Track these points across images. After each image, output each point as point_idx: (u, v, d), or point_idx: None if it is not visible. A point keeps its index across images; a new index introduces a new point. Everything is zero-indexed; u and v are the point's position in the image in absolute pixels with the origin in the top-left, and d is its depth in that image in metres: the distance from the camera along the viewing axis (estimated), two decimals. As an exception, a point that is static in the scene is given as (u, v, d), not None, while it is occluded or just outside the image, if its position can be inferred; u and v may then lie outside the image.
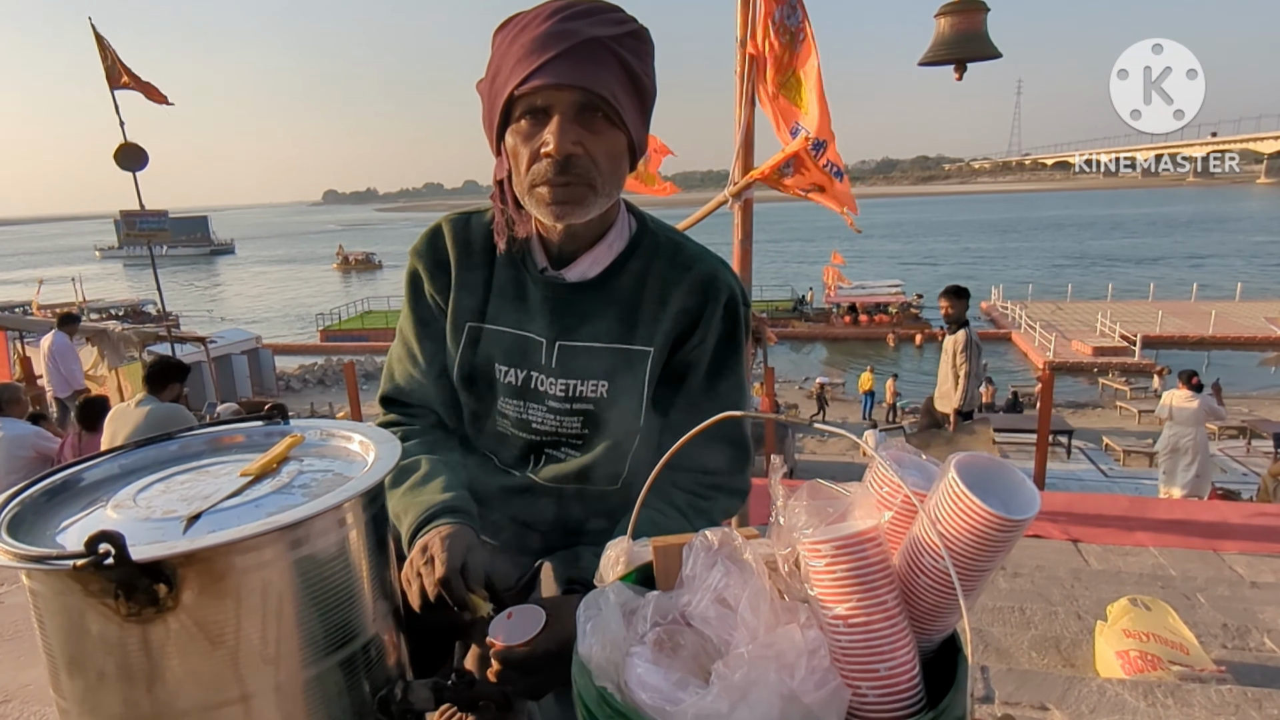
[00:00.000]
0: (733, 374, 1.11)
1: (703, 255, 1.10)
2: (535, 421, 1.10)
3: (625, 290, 1.07)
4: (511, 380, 1.09)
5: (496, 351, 1.09)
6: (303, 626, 0.67)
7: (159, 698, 0.64)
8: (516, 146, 0.96)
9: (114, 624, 0.61)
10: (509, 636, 0.80)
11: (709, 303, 1.07)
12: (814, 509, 0.63)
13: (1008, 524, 0.60)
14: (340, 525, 0.69)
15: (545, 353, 1.07)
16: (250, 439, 0.90)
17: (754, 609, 0.61)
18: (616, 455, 1.11)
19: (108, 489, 0.77)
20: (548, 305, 1.06)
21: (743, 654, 0.58)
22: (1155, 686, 1.83)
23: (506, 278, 1.09)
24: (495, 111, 0.96)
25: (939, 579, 0.63)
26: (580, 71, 0.90)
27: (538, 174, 0.94)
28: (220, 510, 0.70)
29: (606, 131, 0.95)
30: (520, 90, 0.91)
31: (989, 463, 0.64)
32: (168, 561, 0.59)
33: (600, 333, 1.06)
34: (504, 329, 1.08)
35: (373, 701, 0.75)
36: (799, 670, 0.58)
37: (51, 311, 27.33)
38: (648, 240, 1.10)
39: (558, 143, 0.91)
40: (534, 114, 0.93)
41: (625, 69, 0.94)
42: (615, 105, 0.93)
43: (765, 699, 0.56)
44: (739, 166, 4.80)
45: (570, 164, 0.92)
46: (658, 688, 0.59)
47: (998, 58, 4.69)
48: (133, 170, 7.74)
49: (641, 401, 1.08)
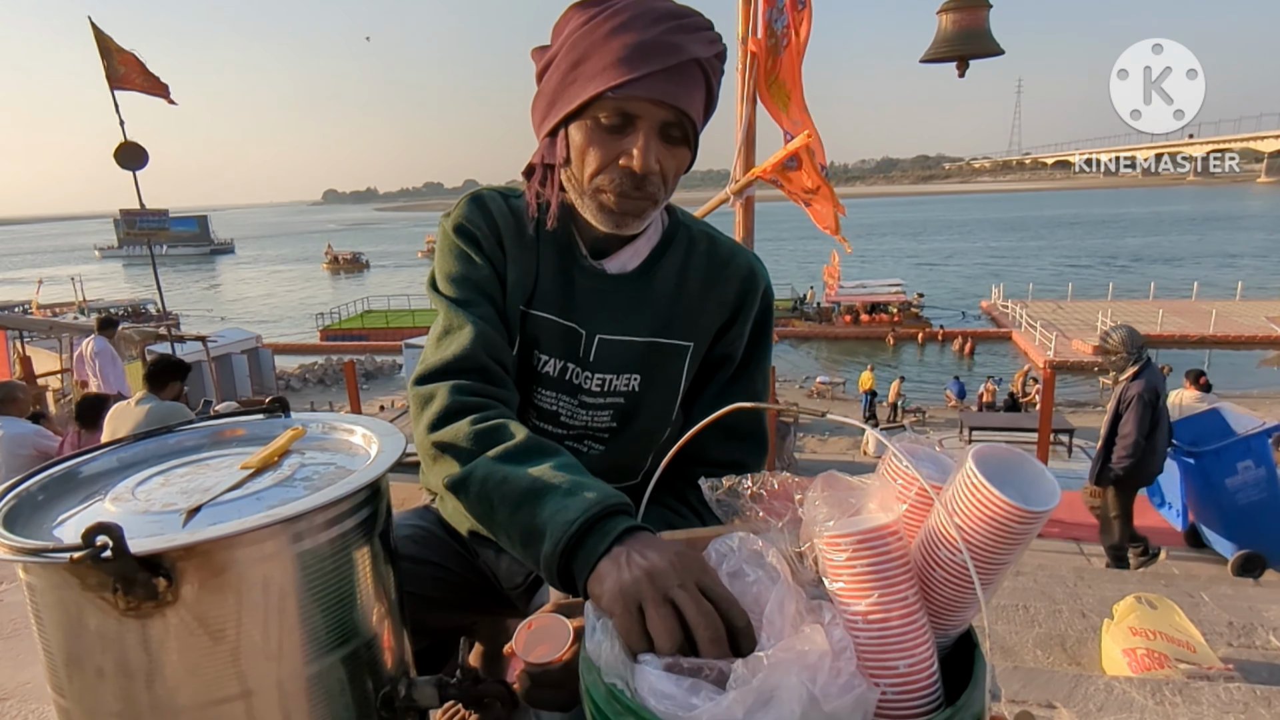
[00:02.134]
0: (761, 368, 1.11)
1: (738, 248, 1.11)
2: (565, 415, 1.06)
3: (666, 284, 1.05)
4: (549, 371, 1.04)
5: (540, 339, 1.03)
6: (305, 622, 0.66)
7: (158, 694, 0.62)
8: (586, 144, 0.91)
9: (112, 619, 0.59)
10: (536, 650, 0.75)
11: (748, 296, 1.07)
12: (834, 501, 0.62)
13: (1027, 516, 0.58)
14: (343, 519, 0.68)
15: (584, 345, 1.04)
16: (251, 432, 0.88)
17: (781, 610, 0.59)
18: (641, 450, 1.10)
19: (106, 482, 0.76)
20: (590, 297, 1.03)
21: (761, 657, 0.57)
22: (1163, 684, 1.81)
23: (555, 264, 1.03)
24: (571, 100, 0.91)
25: (956, 572, 0.62)
26: (678, 91, 0.88)
27: (607, 182, 0.92)
28: (220, 503, 0.68)
29: (679, 149, 0.93)
30: (614, 93, 0.87)
31: (1007, 454, 0.63)
32: (167, 554, 0.58)
33: (639, 327, 1.04)
34: (551, 317, 1.03)
35: (376, 699, 0.74)
36: (822, 673, 0.56)
37: (52, 311, 27.33)
38: (681, 233, 1.09)
39: (643, 161, 0.88)
40: (618, 118, 0.89)
41: (708, 90, 0.93)
42: (695, 126, 0.92)
43: (785, 704, 0.54)
44: (740, 164, 4.79)
45: (646, 181, 0.91)
46: (669, 694, 0.57)
47: (1000, 54, 4.69)
48: (133, 169, 7.74)
49: (676, 397, 1.08)
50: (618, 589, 0.64)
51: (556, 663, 0.74)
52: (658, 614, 0.61)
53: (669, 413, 1.08)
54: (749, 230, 4.82)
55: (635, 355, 1.04)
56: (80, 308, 31.47)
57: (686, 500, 1.05)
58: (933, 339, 26.95)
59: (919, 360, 25.05)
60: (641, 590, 0.63)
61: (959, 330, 27.10)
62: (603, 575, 0.66)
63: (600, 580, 0.66)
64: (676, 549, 0.66)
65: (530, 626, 0.77)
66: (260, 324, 34.11)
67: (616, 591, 0.64)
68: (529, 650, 0.75)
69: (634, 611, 0.62)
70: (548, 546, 0.72)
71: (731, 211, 4.73)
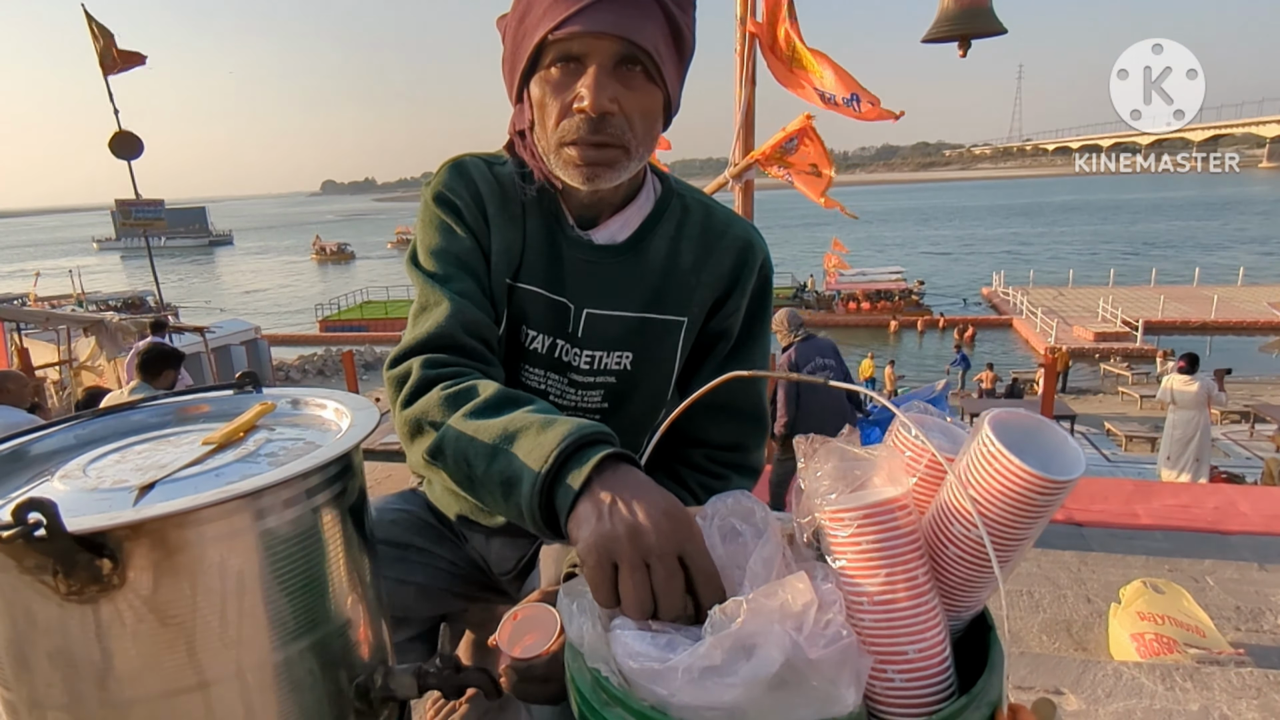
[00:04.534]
0: (759, 343, 1.05)
1: (735, 219, 1.04)
2: (554, 394, 1.01)
3: (658, 256, 0.99)
4: (537, 347, 0.99)
5: (528, 314, 0.98)
6: (269, 607, 0.61)
7: (109, 685, 0.57)
8: (544, 97, 0.86)
9: (53, 604, 0.54)
10: (522, 642, 0.71)
11: (745, 268, 1.01)
12: (839, 472, 0.57)
13: (1050, 485, 0.53)
14: (309, 495, 0.63)
15: (573, 320, 0.98)
16: (217, 409, 0.83)
17: (765, 564, 0.54)
18: (635, 431, 1.05)
19: (58, 460, 0.71)
20: (579, 269, 0.97)
21: (741, 601, 0.52)
22: (1173, 670, 1.77)
23: (541, 234, 0.98)
24: (522, 55, 0.86)
25: (970, 549, 0.57)
26: (624, 20, 0.81)
27: (567, 131, 0.85)
28: (176, 480, 0.63)
29: (644, 88, 0.86)
30: (555, 35, 0.81)
31: (1026, 419, 0.58)
32: (111, 533, 0.53)
33: (630, 301, 0.98)
34: (538, 290, 0.97)
35: (350, 689, 0.69)
36: (806, 622, 0.51)
37: (50, 303, 27.25)
38: (675, 203, 1.02)
39: (594, 99, 0.81)
40: (567, 62, 0.84)
41: (669, 20, 0.86)
42: (656, 59, 0.84)
43: (765, 651, 0.49)
44: (739, 148, 4.73)
45: (604, 123, 0.84)
46: (644, 652, 0.53)
47: (1003, 33, 4.61)
48: (128, 158, 7.69)
49: (671, 374, 1.02)
50: (594, 539, 0.60)
51: (544, 655, 0.69)
52: (631, 579, 0.58)
53: (664, 392, 1.03)
54: (748, 215, 4.77)
55: (626, 331, 0.99)
56: (78, 300, 31.37)
57: (684, 482, 1.01)
58: (933, 326, 26.88)
59: (919, 348, 24.97)
60: (620, 549, 0.59)
61: (960, 318, 27.02)
62: (581, 519, 0.62)
63: (578, 524, 0.62)
64: (665, 504, 0.61)
65: (516, 617, 0.73)
66: (260, 316, 34.02)
67: (593, 542, 0.60)
68: (514, 643, 0.71)
69: (607, 568, 0.59)
70: (525, 487, 0.67)
71: (731, 196, 4.68)
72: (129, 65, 7.70)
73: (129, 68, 7.71)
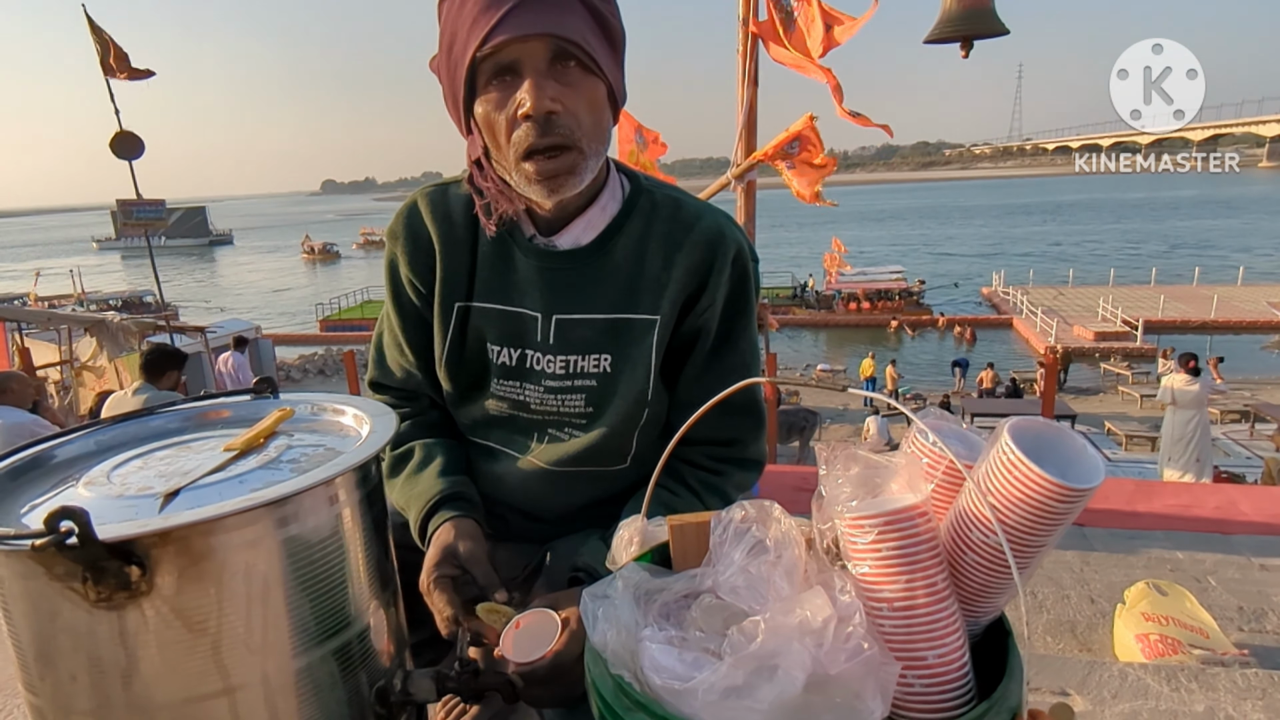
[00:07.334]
0: (743, 337, 1.03)
1: (705, 210, 1.02)
2: (534, 402, 1.02)
3: (624, 255, 0.99)
4: (505, 361, 1.01)
5: (488, 331, 1.01)
6: (292, 613, 0.62)
7: (135, 690, 0.58)
8: (489, 116, 0.86)
9: (83, 610, 0.55)
10: (523, 651, 0.73)
11: (716, 261, 0.99)
12: (859, 479, 0.57)
13: (1069, 494, 0.54)
14: (331, 502, 0.63)
15: (541, 329, 0.99)
16: (237, 414, 0.84)
17: (789, 577, 0.55)
18: (623, 432, 1.05)
19: (81, 466, 0.72)
20: (540, 277, 0.98)
21: (759, 620, 0.52)
22: (1178, 670, 1.78)
23: (493, 250, 1.00)
24: (459, 84, 0.87)
25: (989, 555, 0.58)
26: (546, 18, 0.81)
27: (520, 141, 0.85)
28: (200, 486, 0.64)
29: (583, 82, 0.86)
30: (483, 51, 0.82)
31: (1045, 427, 0.58)
32: (139, 541, 0.54)
33: (600, 303, 0.98)
34: (494, 306, 1.00)
35: (370, 693, 0.70)
36: (826, 638, 0.51)
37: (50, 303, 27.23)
38: (643, 200, 1.01)
39: (535, 100, 0.82)
40: (502, 75, 0.84)
41: (590, 10, 0.86)
42: (588, 50, 0.84)
43: (787, 671, 0.49)
44: (741, 148, 4.73)
45: (551, 123, 0.84)
46: (670, 668, 0.53)
47: (1005, 34, 4.61)
48: (129, 159, 7.69)
49: (649, 374, 1.01)
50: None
51: (543, 660, 0.71)
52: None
53: (644, 392, 1.02)
54: (750, 215, 4.76)
55: (599, 334, 0.99)
56: (79, 299, 31.35)
57: (684, 481, 1.01)
58: (933, 325, 26.86)
59: (917, 347, 24.97)
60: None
61: (960, 317, 27.00)
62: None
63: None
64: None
65: (517, 626, 0.76)
66: (260, 314, 33.97)
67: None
68: (517, 651, 0.73)
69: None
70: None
71: (733, 197, 4.68)
72: (136, 78, 7.72)
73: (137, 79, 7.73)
